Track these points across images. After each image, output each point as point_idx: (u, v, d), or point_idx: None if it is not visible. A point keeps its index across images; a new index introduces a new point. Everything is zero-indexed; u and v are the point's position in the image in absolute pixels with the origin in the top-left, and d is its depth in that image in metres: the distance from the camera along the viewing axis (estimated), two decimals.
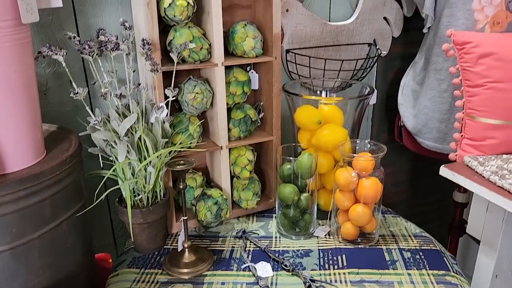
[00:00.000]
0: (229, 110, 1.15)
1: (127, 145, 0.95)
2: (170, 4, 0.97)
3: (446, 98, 1.23)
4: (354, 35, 1.36)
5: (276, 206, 1.13)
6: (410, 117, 1.37)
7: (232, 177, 1.20)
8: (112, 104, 0.97)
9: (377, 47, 1.39)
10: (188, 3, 0.98)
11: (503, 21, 1.12)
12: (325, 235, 1.12)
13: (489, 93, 1.05)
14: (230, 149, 1.17)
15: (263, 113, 1.22)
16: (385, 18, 1.39)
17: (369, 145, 1.09)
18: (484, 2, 1.12)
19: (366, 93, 1.19)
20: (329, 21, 1.35)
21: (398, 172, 1.72)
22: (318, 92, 1.33)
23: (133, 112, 0.96)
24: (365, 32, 1.38)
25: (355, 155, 1.04)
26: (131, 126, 0.96)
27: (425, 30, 1.30)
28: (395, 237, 1.11)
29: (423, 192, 1.81)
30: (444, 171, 1.05)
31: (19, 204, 0.76)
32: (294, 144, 1.16)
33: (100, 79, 0.95)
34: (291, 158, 1.07)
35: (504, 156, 1.07)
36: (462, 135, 1.11)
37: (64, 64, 0.88)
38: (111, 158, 0.99)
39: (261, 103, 1.22)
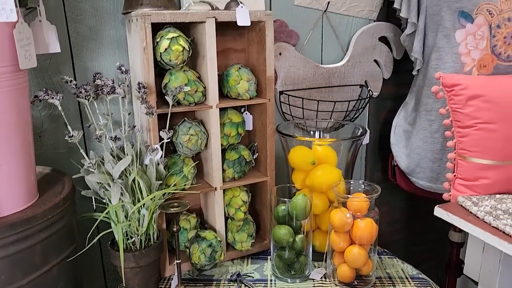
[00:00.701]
0: (223, 151, 1.16)
1: (121, 188, 0.94)
2: (166, 49, 1.00)
3: (438, 138, 1.25)
4: (345, 77, 1.40)
5: (271, 247, 1.11)
6: (403, 156, 1.38)
7: (226, 219, 1.19)
8: (106, 147, 0.98)
9: (369, 88, 1.42)
10: (184, 48, 1.01)
11: (489, 64, 1.15)
12: (321, 277, 1.10)
13: (479, 133, 1.07)
14: (224, 190, 1.16)
15: (257, 154, 1.22)
16: (375, 61, 1.43)
17: (363, 186, 1.10)
18: (470, 46, 1.15)
19: (358, 134, 1.20)
20: (321, 64, 1.38)
21: (393, 211, 1.71)
22: (312, 132, 1.35)
23: (127, 154, 0.96)
24: (356, 74, 1.41)
25: (349, 196, 1.04)
26: (125, 168, 0.96)
27: (414, 72, 1.33)
28: (392, 279, 1.10)
29: (419, 231, 1.80)
30: (438, 212, 1.05)
31: (9, 250, 0.74)
32: (288, 185, 1.17)
33: (95, 122, 0.96)
34: (285, 199, 1.07)
35: (498, 196, 1.07)
36: (455, 175, 1.12)
37: (60, 108, 0.89)
38: (104, 201, 0.98)
39: (255, 144, 1.23)
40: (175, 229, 0.96)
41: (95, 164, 0.93)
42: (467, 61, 1.17)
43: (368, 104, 1.47)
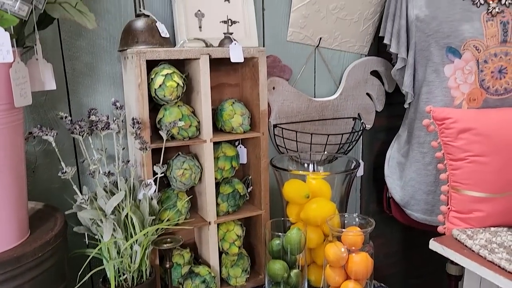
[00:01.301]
0: (217, 184, 1.16)
1: (113, 223, 0.94)
2: (160, 85, 1.01)
3: (431, 170, 1.26)
4: (339, 110, 1.42)
5: (266, 283, 1.10)
6: (398, 188, 1.39)
7: (220, 253, 1.18)
8: (100, 182, 0.98)
9: (362, 121, 1.44)
10: (178, 84, 1.03)
11: (479, 98, 1.17)
12: None
13: (471, 166, 1.08)
14: (218, 225, 1.16)
15: (251, 187, 1.22)
16: (368, 94, 1.46)
17: (357, 219, 1.09)
18: (459, 81, 1.18)
19: (352, 167, 1.21)
20: (315, 97, 1.40)
21: (390, 243, 1.70)
22: (306, 165, 1.35)
23: (120, 190, 0.96)
24: (349, 107, 1.43)
25: (343, 230, 1.03)
26: (118, 204, 0.95)
27: (406, 106, 1.35)
28: None
29: (416, 264, 1.78)
30: (434, 245, 1.04)
31: None
32: (283, 218, 1.16)
33: (89, 157, 0.96)
34: (279, 233, 1.07)
35: (492, 229, 1.07)
36: (449, 208, 1.12)
37: (54, 144, 0.89)
38: (96, 237, 0.98)
39: (250, 177, 1.23)
40: (168, 265, 0.95)
41: (87, 200, 0.93)
42: (457, 94, 1.19)
43: (361, 136, 1.48)
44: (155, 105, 1.09)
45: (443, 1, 1.20)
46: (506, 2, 1.17)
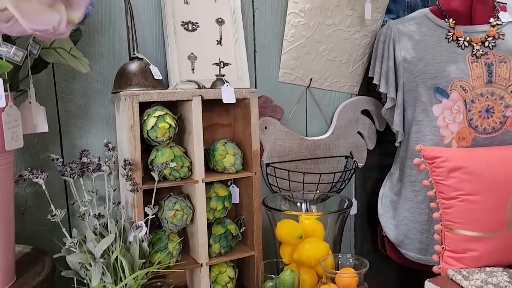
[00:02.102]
0: (209, 225, 1.15)
1: (102, 267, 0.92)
2: (152, 127, 1.02)
3: (424, 209, 1.25)
4: (331, 148, 1.43)
5: None
6: (391, 227, 1.38)
7: None
8: (90, 224, 0.97)
9: (354, 159, 1.45)
10: (170, 125, 1.04)
11: (468, 136, 1.19)
12: None
13: (463, 205, 1.08)
14: (210, 266, 1.13)
15: (244, 228, 1.21)
16: (359, 133, 1.47)
17: (351, 260, 1.08)
18: (448, 120, 1.20)
19: (345, 206, 1.21)
20: (306, 136, 1.42)
21: (385, 283, 1.67)
22: (299, 204, 1.35)
23: (110, 232, 0.95)
24: (341, 146, 1.44)
25: (337, 271, 1.02)
26: (108, 247, 0.94)
27: (397, 144, 1.37)
28: None
29: None
30: (429, 286, 1.03)
31: None
32: (276, 259, 1.14)
33: (79, 199, 0.96)
34: (273, 275, 1.05)
35: (488, 269, 1.06)
36: (443, 247, 1.11)
37: (44, 187, 0.89)
38: (85, 281, 0.95)
39: (242, 217, 1.22)
40: None
41: (76, 243, 0.92)
42: (446, 133, 1.21)
43: (354, 175, 1.49)
44: (147, 146, 1.09)
45: (429, 44, 1.24)
46: (489, 45, 1.21)
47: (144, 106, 1.04)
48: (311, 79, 1.39)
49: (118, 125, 1.12)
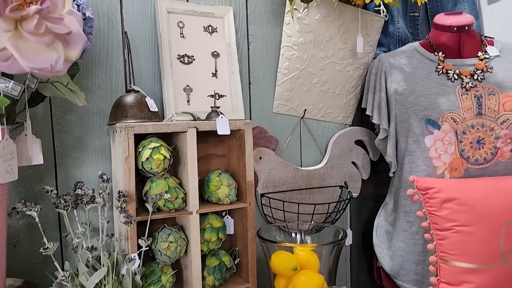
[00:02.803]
0: (203, 257, 1.14)
1: None
2: (147, 159, 1.03)
3: (419, 240, 1.25)
4: (325, 178, 1.43)
5: None
6: (387, 258, 1.37)
7: None
8: (83, 257, 0.96)
9: (348, 189, 1.45)
10: (165, 157, 1.04)
11: (460, 167, 1.20)
12: None
13: (457, 236, 1.08)
14: None
15: (238, 259, 1.20)
16: (353, 163, 1.48)
17: None
18: (440, 151, 1.22)
19: (340, 237, 1.20)
20: (301, 166, 1.43)
21: None
22: (294, 234, 1.34)
23: (103, 265, 0.94)
24: (335, 176, 1.45)
25: None
26: (100, 280, 0.93)
27: (391, 174, 1.38)
28: None
29: None
30: None
31: None
32: None
33: (73, 231, 0.95)
34: None
35: None
36: (438, 279, 1.11)
37: (37, 219, 0.89)
38: None
39: (237, 249, 1.22)
40: None
41: (68, 277, 0.91)
42: (439, 164, 1.22)
43: (349, 205, 1.49)
44: (142, 177, 1.10)
45: (420, 76, 1.27)
46: (478, 78, 1.24)
47: (140, 138, 1.06)
48: (305, 110, 1.41)
49: (113, 156, 1.13)
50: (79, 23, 0.63)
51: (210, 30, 1.25)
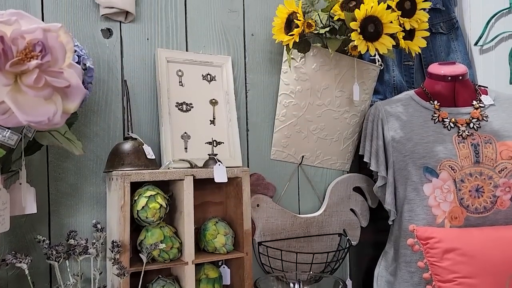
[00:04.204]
0: None
1: None
2: (143, 207, 1.01)
3: None
4: (324, 226, 1.41)
5: None
6: None
7: None
8: None
9: (347, 237, 1.43)
10: (161, 205, 1.03)
11: (460, 216, 1.19)
12: None
13: None
14: None
15: None
16: (352, 210, 1.47)
17: None
18: (439, 199, 1.20)
19: None
20: (299, 214, 1.41)
21: None
22: (292, 285, 1.30)
23: None
24: (334, 223, 1.43)
25: None
26: None
27: (390, 222, 1.36)
28: None
29: None
30: None
31: None
32: None
33: (64, 282, 0.92)
34: None
35: None
36: None
37: (27, 272, 0.86)
38: None
39: None
40: None
41: None
42: (438, 213, 1.20)
43: (348, 253, 1.46)
44: (137, 226, 1.07)
45: (416, 124, 1.28)
46: (474, 126, 1.25)
47: (136, 185, 1.04)
48: (303, 156, 1.41)
49: (108, 204, 1.11)
50: (79, 76, 0.64)
51: (209, 79, 1.27)
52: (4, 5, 1.03)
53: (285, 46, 1.29)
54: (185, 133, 1.20)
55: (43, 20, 1.07)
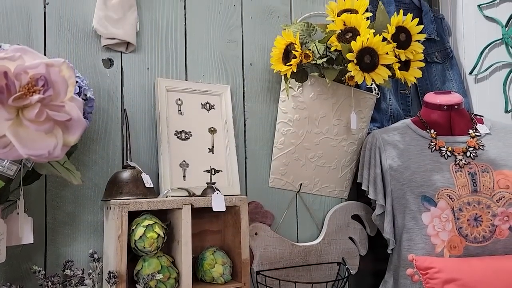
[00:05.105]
0: None
1: None
2: (141, 237, 1.01)
3: None
4: (322, 254, 1.40)
5: None
6: None
7: None
8: None
9: (346, 266, 1.41)
10: (159, 235, 1.02)
11: (459, 245, 1.18)
12: None
13: None
14: None
15: None
16: (350, 238, 1.46)
17: None
18: (438, 228, 1.20)
19: None
20: (298, 242, 1.40)
21: None
22: None
23: None
24: (333, 252, 1.42)
25: None
26: None
27: (389, 251, 1.35)
28: None
29: None
30: None
31: None
32: None
33: None
34: None
35: None
36: None
37: None
38: None
39: None
40: None
41: None
42: (437, 242, 1.20)
43: (347, 282, 1.44)
44: (134, 255, 1.07)
45: (414, 153, 1.29)
46: (471, 155, 1.26)
47: (134, 214, 1.04)
48: (301, 184, 1.41)
49: (105, 233, 1.10)
50: (80, 109, 0.65)
51: (208, 107, 1.28)
52: (8, 36, 1.05)
53: (283, 76, 1.31)
54: (184, 161, 1.20)
55: (45, 50, 1.09)
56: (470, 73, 1.64)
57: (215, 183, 1.16)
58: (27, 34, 1.08)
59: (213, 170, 1.23)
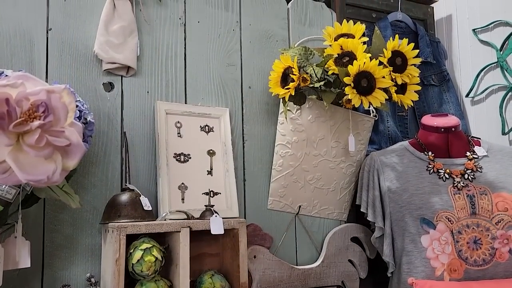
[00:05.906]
0: None
1: None
2: (138, 260, 1.00)
3: None
4: (322, 277, 1.39)
5: None
6: None
7: None
8: None
9: None
10: (157, 258, 1.02)
11: (459, 268, 1.17)
12: None
13: None
14: None
15: None
16: (350, 261, 1.45)
17: None
18: (437, 251, 1.19)
19: None
20: (297, 265, 1.39)
21: None
22: None
23: None
24: (332, 275, 1.40)
25: None
26: None
27: (389, 274, 1.34)
28: None
29: None
30: None
31: None
32: None
33: None
34: None
35: None
36: None
37: None
38: None
39: None
40: None
41: None
42: (437, 265, 1.19)
43: None
44: (131, 279, 1.06)
45: (412, 175, 1.30)
46: (469, 177, 1.26)
47: (132, 236, 1.04)
48: (300, 206, 1.41)
49: (103, 256, 1.10)
50: (79, 133, 0.66)
51: (207, 130, 1.29)
52: (10, 62, 1.07)
53: (281, 99, 1.33)
54: (183, 183, 1.21)
55: (47, 74, 1.11)
56: (467, 95, 1.65)
57: (214, 205, 1.17)
58: (29, 59, 1.10)
59: (211, 193, 1.23)
